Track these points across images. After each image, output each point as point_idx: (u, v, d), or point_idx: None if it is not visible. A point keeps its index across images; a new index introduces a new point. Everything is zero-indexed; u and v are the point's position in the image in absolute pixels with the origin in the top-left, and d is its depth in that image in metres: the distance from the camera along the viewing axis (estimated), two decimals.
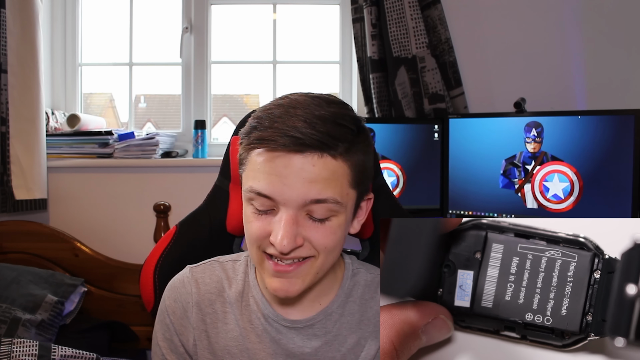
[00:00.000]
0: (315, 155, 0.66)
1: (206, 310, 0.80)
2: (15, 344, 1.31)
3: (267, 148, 0.66)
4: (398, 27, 1.84)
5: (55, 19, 2.09)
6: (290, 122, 0.65)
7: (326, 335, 0.78)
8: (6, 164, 1.81)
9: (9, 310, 1.46)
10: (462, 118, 1.72)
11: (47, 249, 1.82)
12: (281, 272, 0.69)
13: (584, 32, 1.93)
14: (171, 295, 0.82)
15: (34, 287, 1.58)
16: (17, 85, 1.81)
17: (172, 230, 1.07)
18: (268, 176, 0.66)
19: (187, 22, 2.10)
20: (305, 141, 0.65)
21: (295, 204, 0.66)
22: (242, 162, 0.72)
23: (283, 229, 0.66)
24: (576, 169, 1.53)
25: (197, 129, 1.99)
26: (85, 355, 1.38)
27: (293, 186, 0.65)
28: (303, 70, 2.20)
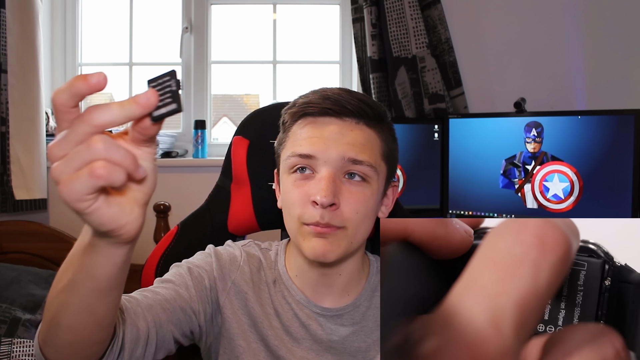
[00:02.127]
0: (352, 121, 0.74)
1: (249, 277, 0.82)
2: (15, 344, 1.31)
3: (308, 116, 0.75)
4: (398, 27, 1.84)
5: (55, 19, 2.09)
6: (330, 91, 0.75)
7: (354, 325, 0.81)
8: (6, 164, 1.81)
9: (9, 310, 1.46)
10: (462, 118, 1.72)
11: (47, 249, 1.82)
12: (321, 232, 0.72)
13: (584, 32, 1.93)
14: (219, 249, 0.84)
15: (34, 287, 1.58)
16: (17, 85, 1.81)
17: (173, 230, 1.07)
18: (309, 139, 0.73)
19: (187, 22, 2.10)
20: (345, 105, 0.73)
21: (335, 162, 0.72)
22: (281, 142, 0.79)
23: (324, 182, 0.71)
24: (576, 169, 1.53)
25: (197, 129, 1.99)
26: None
27: (333, 145, 0.72)
28: (303, 70, 2.20)
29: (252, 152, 1.03)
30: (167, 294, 0.74)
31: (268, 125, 1.03)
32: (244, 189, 1.04)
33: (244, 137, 1.04)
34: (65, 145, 0.40)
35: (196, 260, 0.82)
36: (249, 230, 1.06)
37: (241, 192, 1.04)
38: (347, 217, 0.72)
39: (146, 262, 1.07)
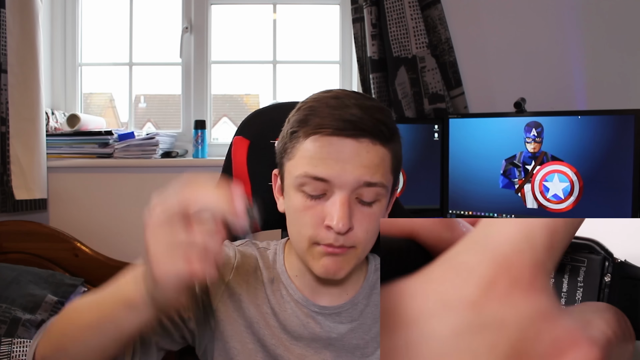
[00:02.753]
0: (369, 142, 0.71)
1: (244, 278, 0.82)
2: (15, 344, 1.31)
3: (323, 134, 0.71)
4: (398, 27, 1.84)
5: (55, 19, 2.09)
6: (347, 109, 0.71)
7: (352, 322, 0.81)
8: (6, 164, 1.81)
9: (9, 310, 1.46)
10: (462, 118, 1.72)
11: (47, 249, 1.82)
12: (332, 253, 0.72)
13: (584, 32, 1.93)
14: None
15: (34, 287, 1.58)
16: (17, 85, 1.81)
17: None
18: (325, 160, 0.71)
19: (187, 22, 2.10)
20: (363, 127, 0.70)
21: (350, 186, 0.71)
22: (287, 151, 0.76)
23: (340, 209, 0.70)
24: (576, 169, 1.53)
25: (197, 129, 1.99)
26: None
27: (349, 170, 0.70)
28: (303, 70, 2.20)
29: (252, 152, 1.03)
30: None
31: (268, 125, 1.03)
32: (244, 188, 1.04)
33: (244, 137, 1.04)
34: (169, 232, 0.53)
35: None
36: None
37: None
38: (359, 238, 0.73)
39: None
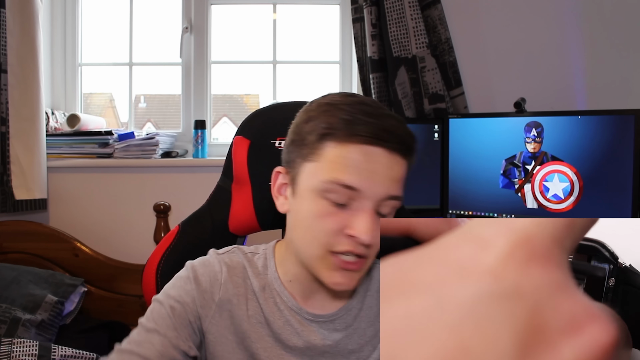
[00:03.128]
0: (399, 156, 0.70)
1: (233, 292, 0.80)
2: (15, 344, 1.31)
3: (361, 141, 0.68)
4: (398, 27, 1.84)
5: (55, 19, 2.09)
6: (384, 119, 0.70)
7: (347, 329, 0.80)
8: (6, 164, 1.81)
9: (9, 310, 1.46)
10: (462, 118, 1.72)
11: (47, 249, 1.82)
12: (348, 267, 0.71)
13: (584, 32, 1.93)
14: (199, 269, 0.80)
15: (34, 287, 1.58)
16: (17, 85, 1.81)
17: (174, 230, 1.07)
18: (359, 169, 0.68)
19: (187, 22, 2.10)
20: (399, 139, 0.70)
21: (378, 197, 0.69)
22: (310, 151, 0.72)
23: (368, 221, 0.69)
24: (576, 169, 1.53)
25: (197, 129, 1.99)
26: (85, 355, 1.38)
27: (380, 181, 0.69)
28: (303, 70, 2.20)
29: (252, 152, 1.03)
30: (154, 354, 0.73)
31: (269, 125, 1.03)
32: (244, 189, 1.04)
33: (244, 137, 1.04)
34: None
35: (176, 292, 0.78)
36: (250, 230, 1.06)
37: (242, 192, 1.04)
38: (373, 247, 0.72)
39: (147, 262, 1.07)
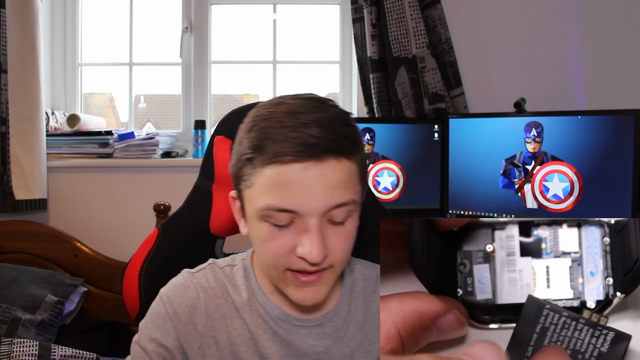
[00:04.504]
0: (333, 161, 0.65)
1: (214, 316, 0.77)
2: (15, 344, 1.31)
3: (283, 162, 0.64)
4: (398, 27, 1.84)
5: (55, 19, 2.09)
6: (305, 129, 0.64)
7: (337, 332, 0.79)
8: (6, 164, 1.81)
9: (9, 310, 1.46)
10: (462, 118, 1.72)
11: (47, 249, 1.82)
12: (308, 282, 0.69)
13: (584, 32, 1.93)
14: (175, 300, 0.77)
15: (34, 287, 1.58)
16: (17, 85, 1.81)
17: (154, 232, 1.05)
18: (287, 190, 0.64)
19: (187, 22, 2.10)
20: (325, 148, 0.64)
21: (319, 212, 0.65)
22: (244, 178, 0.69)
23: (313, 239, 0.65)
24: (576, 169, 1.53)
25: (197, 129, 1.99)
26: (85, 355, 1.38)
27: (316, 195, 0.65)
28: (303, 70, 2.20)
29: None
30: None
31: None
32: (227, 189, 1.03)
33: (226, 137, 1.02)
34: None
35: (157, 333, 0.76)
36: (232, 231, 1.04)
37: (224, 193, 1.01)
38: (336, 259, 0.69)
39: (128, 266, 1.04)
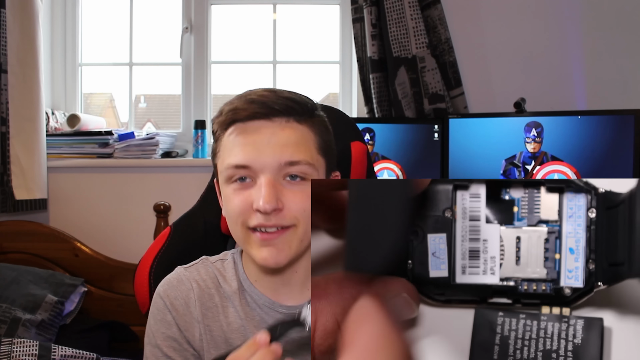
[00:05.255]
0: (282, 120, 0.73)
1: (208, 304, 0.81)
2: (15, 344, 1.31)
3: (237, 122, 0.74)
4: (398, 27, 1.84)
5: (55, 19, 2.09)
6: (254, 92, 0.75)
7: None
8: (6, 164, 1.81)
9: (9, 310, 1.46)
10: (462, 118, 1.72)
11: (47, 249, 1.82)
12: (267, 239, 0.72)
13: (584, 32, 1.93)
14: (170, 293, 0.81)
15: (34, 287, 1.58)
16: (17, 85, 1.81)
17: (166, 231, 1.07)
18: (242, 147, 0.72)
19: (187, 22, 2.10)
20: (272, 106, 0.72)
21: (272, 168, 0.71)
22: (215, 152, 0.78)
23: (264, 189, 0.70)
24: (576, 169, 1.53)
25: (197, 129, 1.99)
26: (85, 355, 1.38)
27: (267, 151, 0.71)
28: (303, 70, 2.20)
29: None
30: None
31: None
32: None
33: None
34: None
35: (160, 326, 0.80)
36: None
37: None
38: (295, 214, 0.72)
39: (139, 263, 1.06)
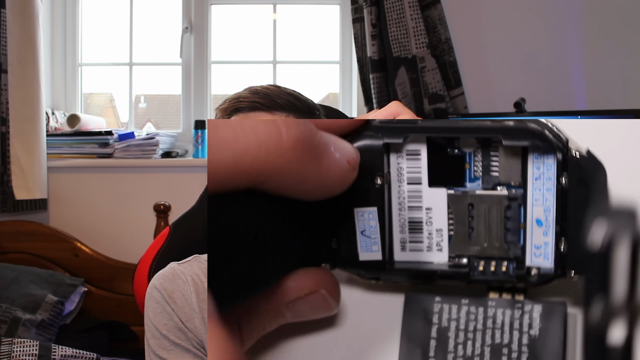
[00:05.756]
0: (283, 115, 0.74)
1: (203, 297, 0.81)
2: (15, 344, 1.31)
3: (239, 111, 0.75)
4: (398, 27, 1.84)
5: (55, 19, 2.09)
6: (259, 85, 0.77)
7: None
8: (6, 164, 1.81)
9: (9, 310, 1.46)
10: (462, 118, 1.72)
11: (47, 249, 1.82)
12: None
13: (584, 32, 1.93)
14: (167, 287, 0.81)
15: (34, 287, 1.58)
16: (17, 85, 1.81)
17: (165, 231, 1.07)
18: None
19: (187, 22, 2.10)
20: (274, 99, 0.74)
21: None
22: None
23: None
24: None
25: (197, 129, 1.99)
26: (85, 355, 1.38)
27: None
28: (303, 70, 2.20)
29: None
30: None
31: None
32: None
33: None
34: None
35: (161, 318, 0.80)
36: None
37: None
38: None
39: (139, 263, 1.06)
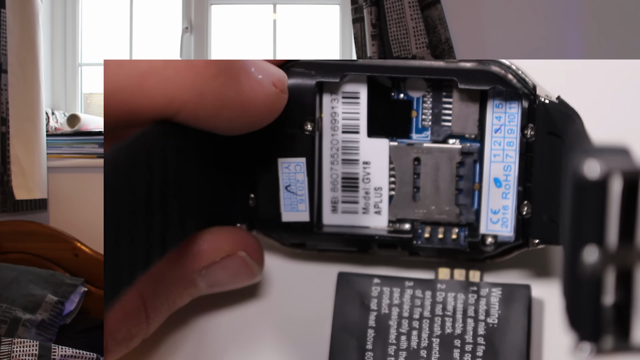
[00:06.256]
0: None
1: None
2: (15, 344, 1.31)
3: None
4: (398, 27, 1.84)
5: (55, 19, 2.09)
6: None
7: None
8: (6, 164, 1.81)
9: (9, 310, 1.46)
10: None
11: (47, 249, 1.82)
12: None
13: (585, 32, 1.93)
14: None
15: (34, 287, 1.58)
16: (17, 85, 1.81)
17: None
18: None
19: (187, 22, 2.10)
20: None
21: None
22: None
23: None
24: None
25: None
26: (86, 355, 1.38)
27: None
28: None
29: None
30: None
31: None
32: None
33: None
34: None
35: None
36: None
37: None
38: None
39: None
